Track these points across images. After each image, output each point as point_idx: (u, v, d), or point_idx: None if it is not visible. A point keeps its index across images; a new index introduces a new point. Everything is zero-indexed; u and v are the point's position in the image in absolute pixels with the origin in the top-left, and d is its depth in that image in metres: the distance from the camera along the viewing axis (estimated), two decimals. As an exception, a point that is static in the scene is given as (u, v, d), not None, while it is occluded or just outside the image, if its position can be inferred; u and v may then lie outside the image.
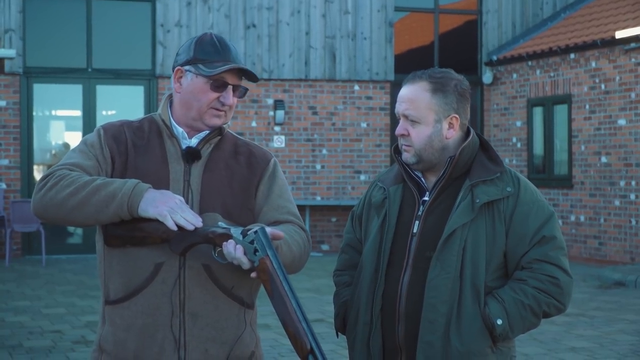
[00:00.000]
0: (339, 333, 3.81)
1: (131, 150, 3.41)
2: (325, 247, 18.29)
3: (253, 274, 3.19)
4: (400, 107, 3.53)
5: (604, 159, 16.49)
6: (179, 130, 3.45)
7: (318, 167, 18.34)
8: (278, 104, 17.97)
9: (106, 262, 3.40)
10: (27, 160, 16.79)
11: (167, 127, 3.45)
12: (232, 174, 3.44)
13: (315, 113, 18.31)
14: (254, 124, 17.96)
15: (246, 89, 3.48)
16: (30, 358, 8.84)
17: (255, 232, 3.15)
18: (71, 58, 17.14)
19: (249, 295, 3.45)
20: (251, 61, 17.77)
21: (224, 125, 3.48)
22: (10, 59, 16.55)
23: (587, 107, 16.85)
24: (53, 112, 17.85)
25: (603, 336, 10.05)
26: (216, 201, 3.38)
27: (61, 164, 3.36)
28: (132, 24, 17.43)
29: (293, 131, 18.21)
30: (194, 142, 3.44)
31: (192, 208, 3.33)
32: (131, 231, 3.29)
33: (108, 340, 3.39)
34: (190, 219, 3.20)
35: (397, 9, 18.86)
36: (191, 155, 3.40)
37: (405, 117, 3.51)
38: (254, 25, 17.86)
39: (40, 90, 17.03)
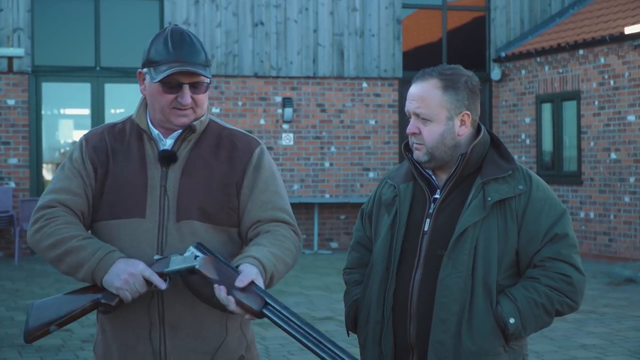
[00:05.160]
0: (350, 332, 3.78)
1: (111, 158, 3.39)
2: (334, 244, 18.27)
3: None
4: (410, 106, 3.49)
5: (613, 155, 16.44)
6: (155, 132, 3.40)
7: (327, 164, 18.31)
8: (286, 102, 17.95)
9: None
10: (36, 159, 16.80)
11: (144, 130, 3.41)
12: (211, 173, 3.38)
13: (323, 110, 18.29)
14: (262, 121, 17.94)
15: (208, 83, 3.39)
16: (39, 357, 8.84)
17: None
18: (79, 57, 17.15)
19: None
20: (259, 59, 17.76)
21: (201, 119, 3.40)
22: (19, 57, 16.57)
23: (596, 103, 16.80)
24: (62, 111, 17.85)
25: (614, 333, 10.01)
26: (192, 206, 3.33)
27: (50, 189, 3.41)
28: (140, 23, 17.43)
29: (301, 129, 18.19)
30: (169, 143, 3.39)
31: (168, 215, 3.32)
32: None
33: (99, 348, 3.46)
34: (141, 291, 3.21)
35: (405, 5, 18.82)
36: (166, 158, 3.36)
37: (417, 115, 3.48)
38: (261, 23, 17.84)
39: (49, 89, 17.04)
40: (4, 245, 16.67)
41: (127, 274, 3.16)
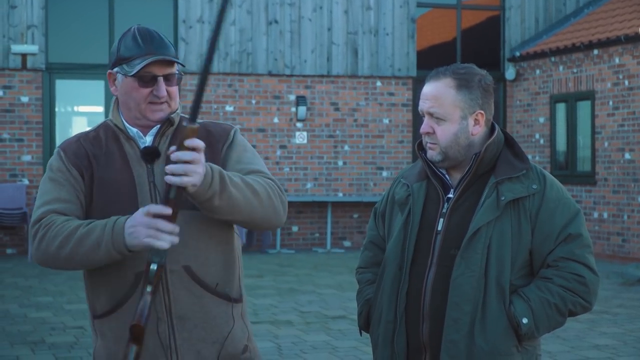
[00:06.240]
0: (363, 331, 3.78)
1: (93, 162, 3.39)
2: (347, 243, 18.26)
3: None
4: (424, 105, 3.48)
5: (627, 156, 16.39)
6: (134, 130, 3.40)
7: (340, 163, 18.31)
8: (300, 100, 17.95)
9: (89, 276, 3.43)
10: (49, 156, 16.79)
11: (121, 131, 3.41)
12: None
13: (337, 109, 18.29)
14: (276, 120, 17.95)
15: (181, 75, 3.40)
16: (52, 354, 8.86)
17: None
18: (93, 54, 17.17)
19: (236, 289, 3.44)
20: (273, 57, 17.76)
21: (176, 113, 3.41)
22: (33, 54, 16.60)
23: (611, 103, 16.75)
24: (75, 108, 17.89)
25: (626, 333, 9.98)
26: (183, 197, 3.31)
27: (40, 203, 3.35)
28: (154, 20, 17.43)
29: (315, 127, 18.19)
30: (149, 139, 3.40)
31: None
32: None
33: (101, 354, 3.41)
34: (169, 232, 3.08)
35: (419, 4, 18.81)
36: (149, 155, 3.34)
37: (430, 114, 3.47)
38: (276, 22, 17.84)
39: (63, 86, 17.07)
40: (17, 242, 16.71)
41: (136, 227, 3.10)
